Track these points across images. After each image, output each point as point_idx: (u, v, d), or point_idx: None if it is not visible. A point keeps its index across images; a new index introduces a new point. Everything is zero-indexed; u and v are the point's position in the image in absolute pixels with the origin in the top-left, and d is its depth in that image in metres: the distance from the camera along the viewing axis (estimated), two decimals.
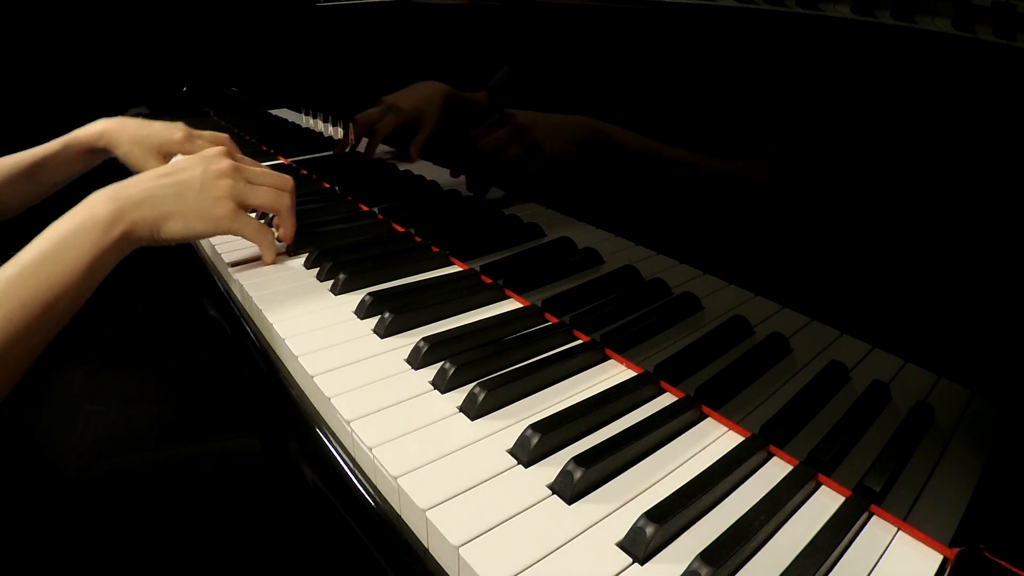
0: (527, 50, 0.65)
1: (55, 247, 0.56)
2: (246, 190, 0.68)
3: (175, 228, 0.63)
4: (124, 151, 0.95)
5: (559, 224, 0.64)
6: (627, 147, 0.55)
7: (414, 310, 0.60)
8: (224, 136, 1.00)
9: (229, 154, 0.70)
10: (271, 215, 0.76)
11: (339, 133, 1.11)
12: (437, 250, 0.76)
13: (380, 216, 0.88)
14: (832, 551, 0.36)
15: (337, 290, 0.66)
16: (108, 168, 0.99)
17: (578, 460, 0.40)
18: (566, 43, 0.60)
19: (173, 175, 0.65)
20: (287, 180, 0.74)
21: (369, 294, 0.62)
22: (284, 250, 0.75)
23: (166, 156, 0.96)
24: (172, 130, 0.96)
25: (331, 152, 1.13)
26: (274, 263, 0.71)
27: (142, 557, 0.70)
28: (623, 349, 0.55)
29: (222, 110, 1.70)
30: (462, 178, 0.80)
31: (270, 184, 0.71)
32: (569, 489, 0.40)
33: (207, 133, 1.01)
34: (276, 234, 0.75)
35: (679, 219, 0.52)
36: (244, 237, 0.69)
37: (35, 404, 0.85)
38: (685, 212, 0.51)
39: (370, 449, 0.43)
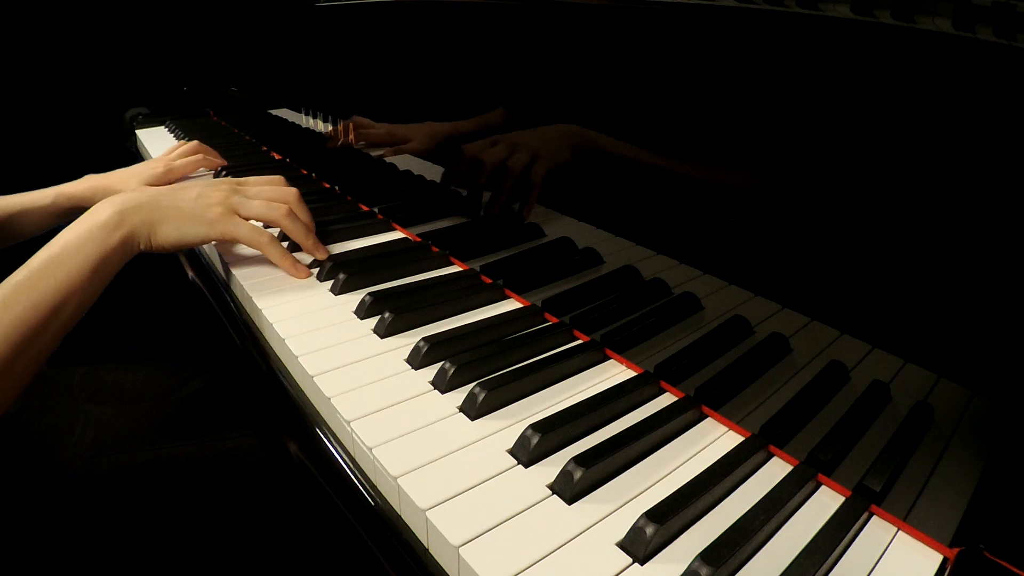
0: (531, 50, 0.65)
1: (62, 251, 0.58)
2: (240, 200, 0.69)
3: (169, 232, 0.65)
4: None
5: (559, 224, 0.64)
6: (618, 152, 0.55)
7: (414, 310, 0.60)
8: (195, 145, 1.09)
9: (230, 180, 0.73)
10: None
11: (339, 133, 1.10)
12: (437, 250, 0.76)
13: (380, 216, 0.88)
14: (832, 551, 0.36)
15: (337, 290, 0.66)
16: None
17: (578, 460, 0.40)
18: (569, 43, 0.60)
19: (174, 188, 0.69)
20: (287, 191, 0.73)
21: (369, 294, 0.62)
22: (309, 262, 0.72)
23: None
24: (153, 165, 1.02)
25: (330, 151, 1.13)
26: (293, 269, 0.69)
27: (142, 557, 0.70)
28: (623, 349, 0.55)
29: (222, 110, 1.70)
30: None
31: (267, 196, 0.71)
32: (569, 489, 0.40)
33: (179, 151, 1.09)
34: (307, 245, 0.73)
35: (679, 219, 0.52)
36: (240, 240, 0.68)
37: (35, 404, 0.85)
38: (685, 212, 0.51)
39: (370, 449, 0.43)
